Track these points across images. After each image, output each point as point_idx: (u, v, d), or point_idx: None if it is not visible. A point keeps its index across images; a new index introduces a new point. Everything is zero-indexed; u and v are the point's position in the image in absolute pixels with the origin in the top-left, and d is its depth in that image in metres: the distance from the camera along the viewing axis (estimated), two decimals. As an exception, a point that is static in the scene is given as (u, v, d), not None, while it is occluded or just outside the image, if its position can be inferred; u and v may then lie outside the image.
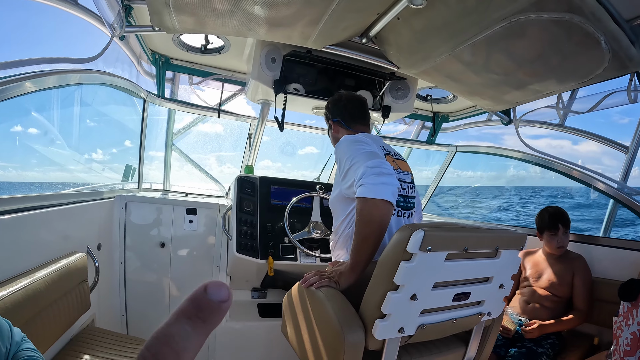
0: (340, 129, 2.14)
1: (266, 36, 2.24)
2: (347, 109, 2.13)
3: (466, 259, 1.51)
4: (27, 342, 1.05)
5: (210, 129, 4.12)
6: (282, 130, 2.80)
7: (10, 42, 3.59)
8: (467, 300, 1.60)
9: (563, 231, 2.55)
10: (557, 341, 2.45)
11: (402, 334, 1.47)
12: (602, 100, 2.56)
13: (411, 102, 2.92)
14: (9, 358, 0.98)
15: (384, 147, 1.98)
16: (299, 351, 1.82)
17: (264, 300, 3.17)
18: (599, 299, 2.48)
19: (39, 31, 5.14)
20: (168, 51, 2.98)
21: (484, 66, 2.18)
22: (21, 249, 1.61)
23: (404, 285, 1.38)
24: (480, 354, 1.89)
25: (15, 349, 1.00)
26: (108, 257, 2.68)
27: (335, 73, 2.76)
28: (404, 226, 1.43)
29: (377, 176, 1.59)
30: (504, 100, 2.63)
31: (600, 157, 33.41)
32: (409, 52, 2.26)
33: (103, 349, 1.99)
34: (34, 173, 12.53)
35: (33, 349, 1.05)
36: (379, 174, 1.60)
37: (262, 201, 2.87)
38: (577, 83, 2.14)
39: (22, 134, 3.49)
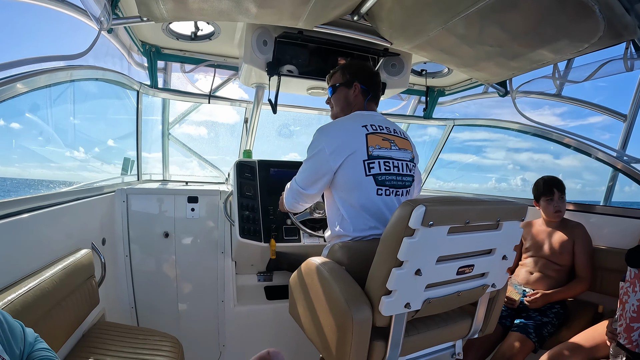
0: (360, 98, 2.08)
1: (256, 19, 2.21)
2: (377, 87, 2.12)
3: (468, 232, 1.52)
4: (41, 342, 1.07)
5: (207, 116, 4.08)
6: (275, 112, 2.78)
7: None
8: (471, 273, 1.61)
9: (559, 196, 2.57)
10: (562, 310, 2.48)
11: (409, 309, 1.49)
12: (599, 69, 2.53)
13: (406, 77, 2.90)
14: (23, 358, 1.00)
15: (372, 126, 1.95)
16: (308, 331, 1.85)
17: (271, 283, 3.20)
18: (601, 267, 2.50)
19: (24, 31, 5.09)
20: (158, 41, 2.94)
21: (477, 39, 2.15)
22: (26, 250, 1.62)
23: (408, 260, 1.39)
24: (486, 325, 1.92)
25: (29, 349, 1.02)
26: (113, 251, 2.70)
27: (328, 52, 2.73)
28: (405, 202, 1.43)
29: (294, 200, 2.08)
30: (500, 72, 2.61)
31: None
32: (402, 28, 2.24)
33: (115, 342, 2.01)
34: (34, 172, 12.39)
35: (47, 349, 1.07)
36: (296, 199, 2.06)
37: (262, 185, 2.87)
38: (573, 53, 2.13)
39: (17, 135, 3.45)
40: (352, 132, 1.90)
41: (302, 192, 1.99)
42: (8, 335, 0.95)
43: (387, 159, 1.91)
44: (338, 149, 1.86)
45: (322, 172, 1.90)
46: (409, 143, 2.09)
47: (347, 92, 2.10)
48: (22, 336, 1.02)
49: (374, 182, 1.87)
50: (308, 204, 2.13)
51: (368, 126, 1.93)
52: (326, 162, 1.88)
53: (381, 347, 1.55)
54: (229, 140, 4.22)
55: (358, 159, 1.86)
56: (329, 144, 1.88)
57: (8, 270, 1.49)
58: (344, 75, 2.11)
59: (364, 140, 1.88)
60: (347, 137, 1.88)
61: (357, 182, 1.86)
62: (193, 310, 2.98)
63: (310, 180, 1.95)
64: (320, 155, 1.89)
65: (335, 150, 1.86)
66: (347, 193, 1.90)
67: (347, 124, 1.96)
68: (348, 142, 1.87)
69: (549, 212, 2.59)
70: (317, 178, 1.92)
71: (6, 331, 0.95)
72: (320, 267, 1.73)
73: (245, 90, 3.30)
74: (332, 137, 1.90)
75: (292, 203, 2.08)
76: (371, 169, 1.86)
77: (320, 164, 1.90)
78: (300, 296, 1.91)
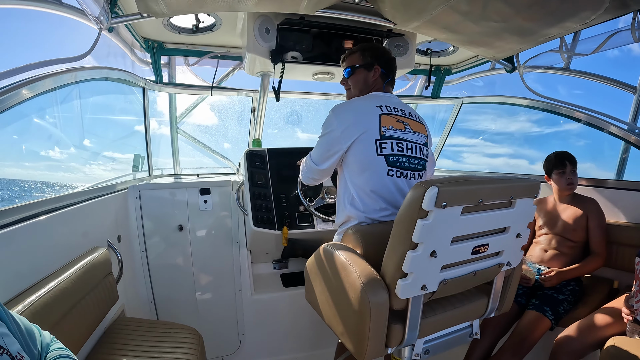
0: (380, 81, 2.10)
1: (256, 7, 2.19)
2: (393, 69, 2.15)
3: (482, 211, 1.51)
4: (57, 343, 1.11)
5: (215, 108, 4.08)
6: (278, 100, 2.77)
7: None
8: (486, 252, 1.61)
9: (571, 169, 2.55)
10: (577, 287, 2.47)
11: (425, 291, 1.49)
12: (606, 40, 2.49)
13: (412, 57, 2.86)
14: (41, 359, 1.04)
15: (387, 107, 1.96)
16: (325, 317, 1.86)
17: (287, 271, 3.22)
18: (616, 242, 2.48)
19: (25, 38, 5.03)
20: (160, 36, 2.93)
21: (481, 15, 2.11)
22: (45, 252, 1.64)
23: (423, 242, 1.39)
24: (502, 304, 1.92)
25: (46, 350, 1.06)
26: (129, 248, 2.73)
27: (331, 36, 2.70)
28: (417, 184, 1.42)
29: (309, 174, 2.15)
30: (506, 47, 2.57)
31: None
32: (404, 7, 2.20)
33: (136, 337, 2.05)
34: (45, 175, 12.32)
35: (62, 348, 1.10)
36: (309, 173, 2.14)
37: (273, 173, 2.88)
38: (579, 25, 2.08)
39: (26, 140, 3.43)
40: (365, 112, 1.92)
41: (315, 168, 2.06)
42: (26, 337, 0.99)
43: (400, 140, 1.92)
44: (349, 128, 1.88)
45: (333, 150, 1.95)
46: (424, 127, 2.09)
47: (367, 75, 2.10)
48: (39, 338, 1.06)
49: (385, 163, 1.88)
50: (322, 179, 2.18)
51: (383, 107, 1.94)
52: (337, 141, 1.91)
53: (399, 330, 1.56)
54: (237, 130, 4.22)
55: (370, 138, 1.87)
56: (340, 124, 1.90)
57: (28, 273, 1.51)
58: (364, 57, 2.10)
59: (378, 120, 1.90)
60: (360, 117, 1.90)
61: (368, 162, 1.88)
62: (211, 301, 3.01)
63: (323, 157, 2.01)
64: (332, 134, 1.93)
65: (346, 129, 1.89)
66: (357, 172, 1.91)
67: (361, 103, 1.98)
68: (361, 121, 1.89)
69: (562, 185, 2.57)
70: (328, 155, 1.98)
71: (24, 334, 0.99)
72: (335, 252, 1.74)
73: (250, 79, 3.27)
74: (345, 116, 1.92)
75: (307, 177, 2.17)
76: (383, 148, 1.88)
77: (331, 143, 1.94)
78: (316, 282, 1.92)
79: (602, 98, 2.93)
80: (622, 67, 2.80)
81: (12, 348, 0.86)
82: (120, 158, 3.80)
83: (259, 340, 3.02)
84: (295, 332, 3.05)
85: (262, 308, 2.96)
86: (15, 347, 0.88)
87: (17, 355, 0.87)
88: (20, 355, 0.88)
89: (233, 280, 3.02)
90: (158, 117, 3.67)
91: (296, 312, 2.96)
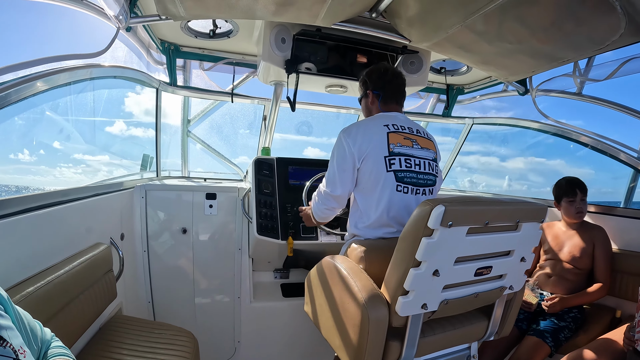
0: (376, 103, 2.15)
1: (274, 17, 2.21)
2: (392, 85, 2.14)
3: (487, 233, 1.50)
4: (57, 341, 1.11)
5: (225, 114, 4.10)
6: (293, 110, 2.78)
7: (17, 44, 3.60)
8: (489, 275, 1.60)
9: (581, 197, 2.52)
10: (580, 315, 2.44)
11: (425, 310, 1.48)
12: (620, 67, 2.48)
13: (425, 75, 2.87)
14: (40, 356, 1.04)
15: (394, 125, 2.00)
16: (323, 329, 1.85)
17: (287, 281, 3.21)
18: (620, 270, 2.45)
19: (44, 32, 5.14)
20: (177, 39, 2.96)
21: (497, 35, 2.12)
22: (46, 244, 1.65)
23: (426, 261, 1.38)
24: (502, 328, 1.90)
25: (46, 347, 1.07)
26: (131, 247, 2.73)
27: (346, 50, 2.72)
28: (424, 202, 1.42)
29: (323, 206, 2.09)
30: (519, 69, 2.57)
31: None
32: (420, 25, 2.22)
33: (131, 335, 2.04)
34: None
35: (62, 347, 1.10)
36: (325, 204, 2.08)
37: (280, 182, 2.88)
38: (593, 50, 2.08)
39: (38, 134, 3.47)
40: (373, 131, 1.96)
41: (329, 194, 2.03)
42: (29, 332, 0.99)
43: (408, 156, 1.95)
44: (360, 146, 1.92)
45: (346, 168, 1.95)
46: (432, 143, 2.11)
47: (366, 101, 2.20)
48: (41, 334, 1.06)
49: (394, 178, 1.90)
50: (337, 208, 2.12)
51: (390, 125, 1.99)
52: (349, 159, 1.94)
53: (397, 347, 1.55)
54: (247, 138, 4.23)
55: (379, 155, 1.91)
56: (350, 143, 1.94)
57: (29, 263, 1.52)
58: (360, 88, 2.24)
59: (385, 137, 1.94)
60: (368, 135, 1.94)
61: (378, 178, 1.90)
62: (209, 306, 3.00)
63: (336, 180, 1.99)
64: (343, 154, 1.95)
65: (357, 147, 1.92)
66: (368, 190, 1.93)
67: (368, 123, 2.01)
68: (369, 139, 1.92)
69: (571, 213, 2.55)
70: (342, 177, 1.97)
71: (27, 328, 0.99)
72: (337, 265, 1.73)
73: (262, 88, 3.30)
74: (354, 135, 1.95)
75: (322, 209, 2.11)
76: (392, 164, 1.90)
77: (343, 162, 1.95)
78: (316, 294, 1.92)
79: (612, 124, 2.93)
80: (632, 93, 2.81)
81: (15, 342, 0.86)
82: (131, 156, 3.81)
83: (254, 348, 3.00)
84: (291, 343, 3.02)
85: (260, 316, 2.95)
86: (18, 341, 0.88)
87: (20, 349, 0.86)
88: (23, 350, 0.87)
89: (233, 286, 3.01)
90: (171, 119, 3.70)
91: (294, 323, 2.94)
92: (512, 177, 4.31)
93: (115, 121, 3.46)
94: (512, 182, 4.39)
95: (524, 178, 5.70)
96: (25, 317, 1.01)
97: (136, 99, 3.39)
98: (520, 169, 4.35)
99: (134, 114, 3.58)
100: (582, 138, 3.07)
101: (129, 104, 3.51)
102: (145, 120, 3.41)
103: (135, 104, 3.46)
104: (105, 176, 3.32)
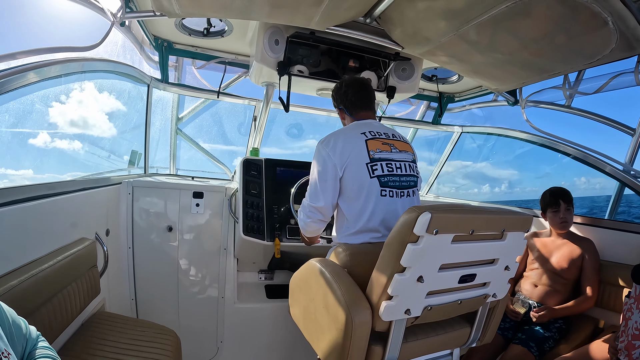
0: (346, 116, 2.21)
1: (269, 18, 2.21)
2: (348, 95, 2.17)
3: (472, 241, 1.51)
4: (43, 341, 1.09)
5: (217, 113, 4.09)
6: (287, 111, 2.78)
7: (9, 36, 3.51)
8: (473, 282, 1.61)
9: (565, 207, 2.56)
10: (565, 325, 2.47)
11: (409, 315, 1.48)
12: (609, 81, 2.53)
13: (416, 82, 2.89)
14: (25, 355, 1.01)
15: (371, 132, 2.02)
16: (306, 331, 1.85)
17: (272, 282, 3.20)
18: (604, 281, 2.48)
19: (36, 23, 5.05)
20: (170, 36, 2.95)
21: (489, 46, 2.15)
22: (30, 238, 1.63)
23: (411, 267, 1.39)
24: (484, 335, 1.92)
25: (31, 346, 1.04)
26: (116, 243, 2.71)
27: (339, 54, 2.73)
28: (410, 208, 1.43)
29: (309, 219, 2.04)
30: (510, 80, 2.60)
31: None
32: (413, 32, 2.23)
33: (113, 333, 2.02)
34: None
35: (48, 347, 1.08)
36: (310, 217, 2.03)
37: (268, 183, 2.88)
38: (584, 64, 2.12)
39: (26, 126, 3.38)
40: (351, 139, 1.98)
41: (312, 206, 1.99)
42: (12, 331, 0.96)
43: (389, 161, 1.97)
44: (341, 155, 1.93)
45: (327, 179, 1.95)
46: (409, 145, 2.14)
47: (341, 117, 2.28)
48: (25, 333, 1.03)
49: (378, 184, 1.91)
50: (323, 221, 2.06)
51: (367, 133, 2.01)
52: (331, 169, 1.94)
53: (379, 352, 1.55)
54: (237, 138, 4.23)
55: (361, 162, 1.92)
56: (330, 152, 1.95)
57: (11, 257, 1.50)
58: (333, 103, 2.28)
59: (364, 145, 1.95)
60: (347, 144, 1.95)
61: (362, 185, 1.91)
62: (193, 305, 2.98)
63: (318, 191, 1.97)
64: (324, 164, 1.95)
65: (337, 156, 1.93)
66: (353, 198, 1.93)
67: (346, 132, 2.04)
68: (349, 148, 1.94)
69: (555, 223, 2.58)
70: (323, 188, 1.96)
71: (11, 327, 0.96)
72: (321, 268, 1.73)
73: (254, 88, 3.29)
74: (333, 145, 1.96)
75: (307, 223, 2.05)
76: (374, 170, 1.92)
77: (324, 172, 1.95)
78: (300, 296, 1.92)
79: (599, 135, 3.00)
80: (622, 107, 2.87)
81: None
82: (118, 152, 3.77)
83: (237, 349, 2.99)
84: (274, 344, 3.02)
85: (244, 317, 2.94)
86: (2, 343, 0.85)
87: (4, 352, 0.84)
88: (7, 353, 0.85)
89: (217, 286, 3.00)
90: (161, 116, 3.67)
91: (277, 325, 2.93)
92: (440, 181, 4.48)
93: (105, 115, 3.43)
94: (440, 185, 4.53)
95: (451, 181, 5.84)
96: (9, 314, 0.98)
97: (129, 94, 3.37)
98: (448, 172, 4.52)
99: (126, 109, 3.55)
100: (570, 150, 3.11)
101: (120, 99, 3.48)
102: (134, 116, 3.39)
103: (128, 99, 3.43)
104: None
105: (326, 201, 1.96)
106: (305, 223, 2.06)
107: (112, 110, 3.32)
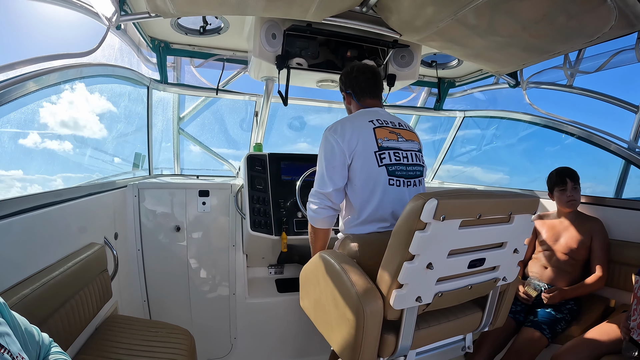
0: (352, 101, 2.17)
1: (264, 12, 2.20)
2: (358, 81, 2.14)
3: (480, 225, 1.51)
4: (56, 347, 1.11)
5: (218, 110, 4.09)
6: (286, 104, 2.77)
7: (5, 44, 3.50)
8: (482, 266, 1.61)
9: (572, 185, 2.55)
10: (576, 306, 2.46)
11: (420, 303, 1.49)
12: (610, 59, 2.51)
13: (416, 69, 2.88)
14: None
15: (378, 120, 2.00)
16: (319, 324, 1.85)
17: (282, 276, 3.22)
18: (614, 260, 2.47)
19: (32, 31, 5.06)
20: (167, 36, 2.94)
21: (488, 29, 2.13)
22: (40, 246, 1.64)
23: (420, 254, 1.39)
24: (496, 319, 1.92)
25: (45, 352, 1.06)
26: (125, 246, 2.72)
27: (337, 44, 2.71)
28: (416, 195, 1.43)
29: (316, 205, 1.98)
30: (510, 62, 2.58)
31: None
32: (411, 19, 2.22)
33: (127, 335, 2.04)
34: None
35: (61, 352, 1.10)
36: (318, 203, 1.97)
37: (272, 178, 2.89)
38: (584, 42, 2.10)
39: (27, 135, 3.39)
40: (359, 127, 1.95)
41: (320, 192, 1.96)
42: (25, 338, 0.98)
43: (396, 150, 1.96)
44: (349, 142, 1.91)
45: (335, 165, 1.93)
46: (415, 135, 2.12)
47: (345, 102, 2.25)
48: (38, 340, 1.05)
49: (386, 173, 1.90)
50: (333, 208, 1.99)
51: (374, 121, 1.99)
52: (339, 155, 1.92)
53: (392, 340, 1.56)
54: (239, 134, 4.23)
55: (369, 150, 1.90)
56: (339, 139, 1.92)
57: (23, 266, 1.51)
58: (340, 87, 2.25)
59: (372, 133, 1.94)
60: (355, 131, 1.93)
61: (370, 174, 1.90)
62: (205, 303, 3.00)
63: (325, 177, 1.95)
64: (332, 150, 1.93)
65: (346, 143, 1.91)
66: (360, 186, 1.92)
67: (353, 120, 2.01)
68: (357, 135, 1.92)
69: (563, 202, 2.57)
70: (330, 174, 1.94)
71: (24, 334, 0.98)
72: (331, 260, 1.73)
73: (253, 84, 3.29)
74: (341, 132, 1.94)
75: (316, 210, 1.98)
76: (382, 159, 1.91)
77: (332, 159, 1.93)
78: (311, 289, 1.92)
79: (601, 115, 2.98)
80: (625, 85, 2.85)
81: (12, 348, 0.85)
82: (122, 156, 3.78)
83: (250, 344, 3.01)
84: (287, 338, 3.04)
85: (256, 312, 2.95)
86: (15, 347, 0.87)
87: (18, 355, 0.86)
88: (21, 356, 0.87)
89: (228, 283, 3.01)
90: (162, 117, 3.67)
91: (289, 318, 2.95)
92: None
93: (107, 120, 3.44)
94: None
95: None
96: (22, 322, 1.00)
97: (129, 97, 3.37)
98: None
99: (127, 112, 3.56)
100: (573, 130, 3.09)
101: (120, 102, 3.48)
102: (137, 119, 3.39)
103: (129, 102, 3.44)
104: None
105: (335, 186, 1.93)
106: (314, 211, 1.99)
107: (113, 114, 3.33)
